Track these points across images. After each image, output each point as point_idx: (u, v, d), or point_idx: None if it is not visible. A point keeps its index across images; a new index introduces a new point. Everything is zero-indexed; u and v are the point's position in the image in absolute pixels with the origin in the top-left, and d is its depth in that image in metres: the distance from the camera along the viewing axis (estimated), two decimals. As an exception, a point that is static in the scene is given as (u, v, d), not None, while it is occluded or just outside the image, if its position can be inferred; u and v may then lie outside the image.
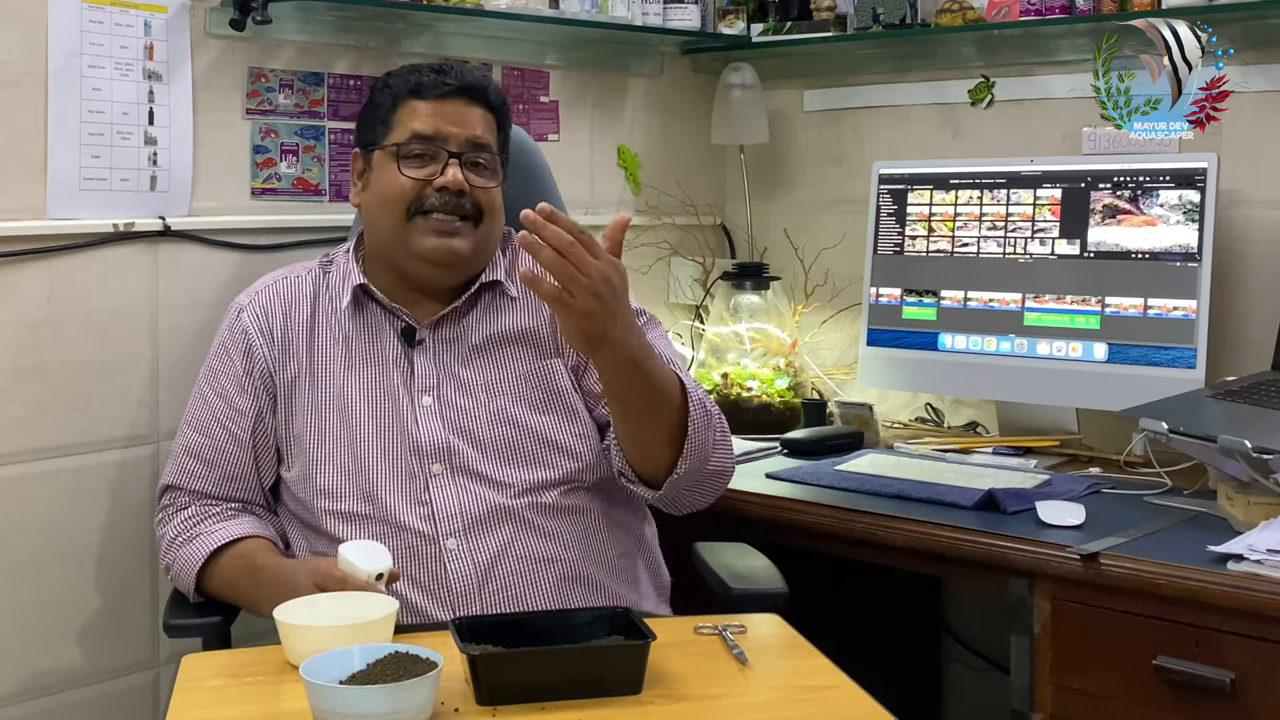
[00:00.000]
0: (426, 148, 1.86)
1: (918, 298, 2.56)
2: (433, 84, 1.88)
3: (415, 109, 1.87)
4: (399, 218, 1.85)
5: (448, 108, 1.87)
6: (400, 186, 1.85)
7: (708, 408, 1.78)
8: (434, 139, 1.86)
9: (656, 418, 1.73)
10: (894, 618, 2.65)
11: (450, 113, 1.87)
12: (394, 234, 1.86)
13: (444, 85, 1.88)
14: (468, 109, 1.88)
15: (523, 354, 1.90)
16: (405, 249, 1.86)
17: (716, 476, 1.85)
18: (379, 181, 1.89)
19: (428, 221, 1.84)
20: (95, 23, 2.10)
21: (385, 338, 1.89)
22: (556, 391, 1.88)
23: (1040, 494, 2.08)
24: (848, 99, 2.90)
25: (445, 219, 1.84)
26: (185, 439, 1.92)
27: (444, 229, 1.84)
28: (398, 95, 1.89)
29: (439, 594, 1.77)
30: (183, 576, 1.84)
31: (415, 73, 1.90)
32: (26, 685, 2.09)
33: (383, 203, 1.87)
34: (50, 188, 2.07)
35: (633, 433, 1.77)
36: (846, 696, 1.44)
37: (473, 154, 1.87)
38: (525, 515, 1.82)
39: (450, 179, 1.84)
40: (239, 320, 1.92)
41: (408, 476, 1.83)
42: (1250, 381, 2.15)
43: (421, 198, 1.85)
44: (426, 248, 1.84)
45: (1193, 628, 1.73)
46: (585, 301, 1.56)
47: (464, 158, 1.86)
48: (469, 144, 1.87)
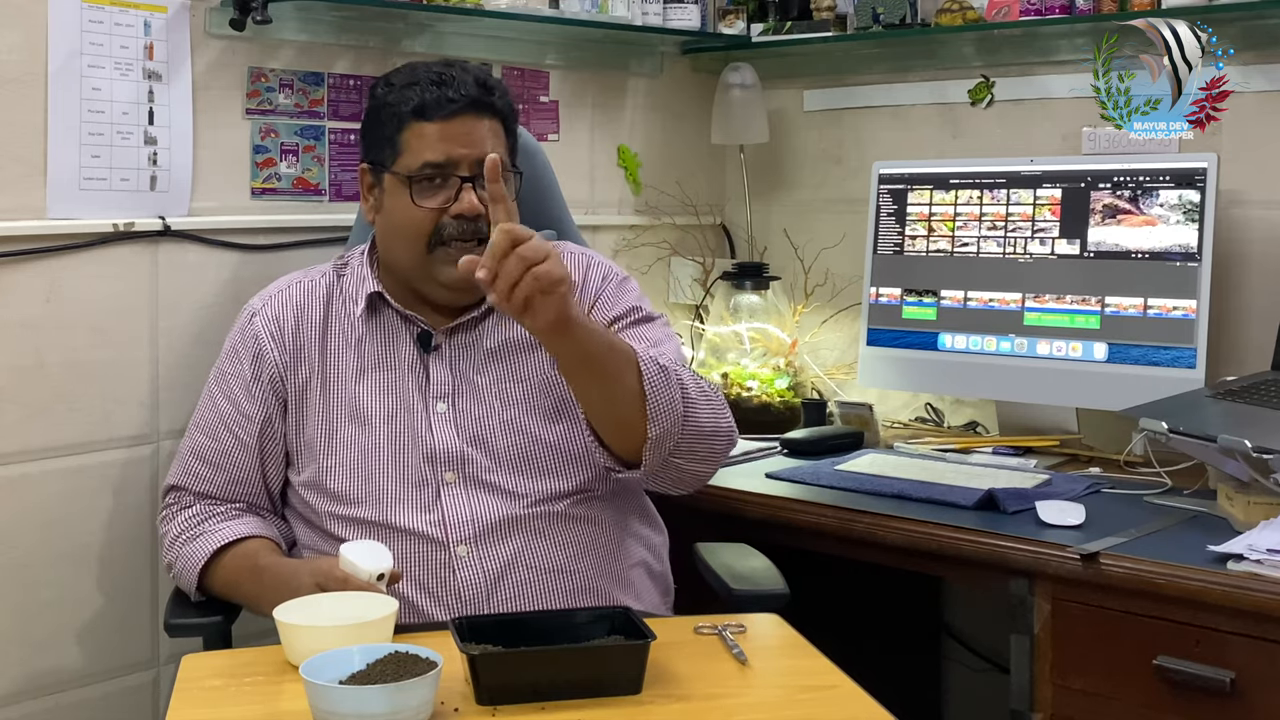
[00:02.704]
0: (438, 173, 1.81)
1: (918, 298, 2.56)
2: (436, 102, 1.81)
3: (422, 133, 1.81)
4: (420, 249, 1.82)
5: (455, 128, 1.81)
6: (416, 219, 1.81)
7: (661, 364, 1.73)
8: (445, 165, 1.81)
9: (610, 383, 1.69)
10: (894, 618, 2.65)
11: (459, 133, 1.81)
12: (416, 265, 1.84)
13: (449, 103, 1.81)
14: (475, 124, 1.82)
15: (537, 361, 1.88)
16: (428, 278, 1.84)
17: (710, 437, 1.79)
18: (393, 210, 1.85)
19: (449, 251, 1.80)
20: (95, 23, 2.10)
21: (400, 343, 1.88)
22: (569, 400, 1.85)
23: (1040, 494, 2.08)
24: (848, 99, 2.90)
25: (465, 246, 1.79)
26: (192, 441, 1.92)
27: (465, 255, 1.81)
28: (402, 116, 1.83)
29: (447, 600, 1.76)
30: (185, 574, 1.84)
31: (416, 85, 1.83)
32: (26, 685, 2.09)
33: (401, 234, 1.84)
34: (50, 187, 2.07)
35: (593, 408, 1.74)
36: (846, 696, 1.44)
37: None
38: (537, 525, 1.81)
39: (466, 206, 1.80)
40: (251, 324, 1.91)
41: (419, 484, 1.82)
42: (1250, 381, 2.15)
43: (439, 227, 1.81)
44: (452, 278, 1.79)
45: (1193, 628, 1.73)
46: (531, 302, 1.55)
47: (477, 181, 1.80)
48: (479, 163, 1.76)
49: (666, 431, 1.72)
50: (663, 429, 1.72)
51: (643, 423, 1.71)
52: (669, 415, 1.72)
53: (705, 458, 1.81)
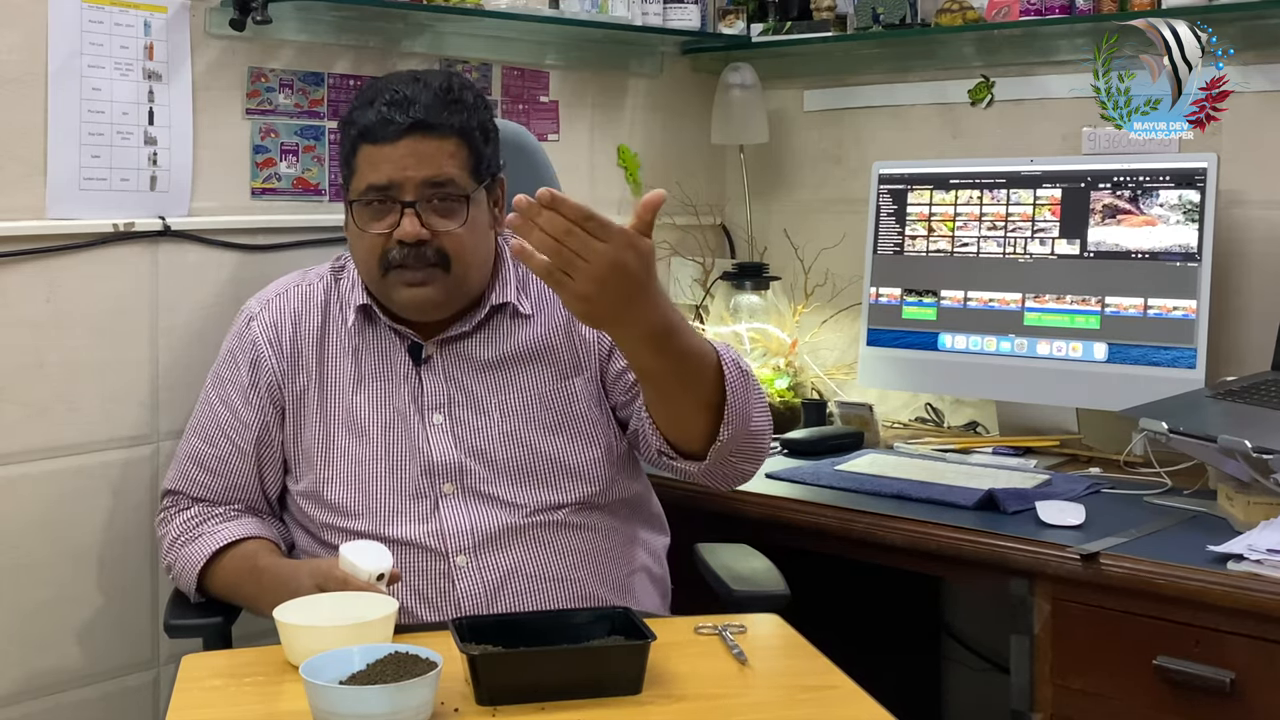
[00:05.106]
0: (381, 195, 1.76)
1: (918, 298, 2.56)
2: (382, 125, 1.75)
3: (369, 156, 1.77)
4: (375, 273, 1.80)
5: (400, 150, 1.75)
6: (366, 243, 1.79)
7: (742, 367, 1.70)
8: (388, 188, 1.76)
9: (689, 389, 1.66)
10: (894, 618, 2.65)
11: (402, 156, 1.75)
12: (376, 286, 1.82)
13: (393, 127, 1.75)
14: (422, 144, 1.76)
15: (539, 373, 1.86)
16: (388, 299, 1.83)
17: (760, 436, 1.77)
18: (350, 232, 1.83)
19: (399, 275, 1.78)
20: (95, 23, 2.10)
21: (394, 354, 1.87)
22: (573, 414, 1.85)
23: (1040, 494, 2.08)
24: (848, 99, 2.90)
25: (411, 272, 1.77)
26: (189, 446, 1.91)
27: (412, 280, 1.77)
28: (354, 139, 1.79)
29: (446, 610, 1.75)
30: (184, 576, 1.84)
31: (370, 107, 1.77)
32: (26, 685, 2.09)
33: (357, 256, 1.83)
34: (50, 188, 2.07)
35: (665, 406, 1.70)
36: (846, 696, 1.44)
37: (430, 194, 1.76)
38: (536, 534, 1.81)
39: (405, 232, 1.75)
40: (248, 330, 1.90)
41: (417, 495, 1.81)
42: (1250, 381, 2.14)
43: (385, 252, 1.77)
44: (402, 300, 1.79)
45: (1193, 628, 1.73)
46: (584, 286, 1.49)
47: (419, 205, 1.75)
48: (425, 185, 1.75)
49: (737, 433, 1.70)
50: (735, 430, 1.69)
51: (714, 423, 1.68)
52: (742, 418, 1.69)
53: (753, 456, 1.80)
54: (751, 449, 1.77)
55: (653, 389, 1.70)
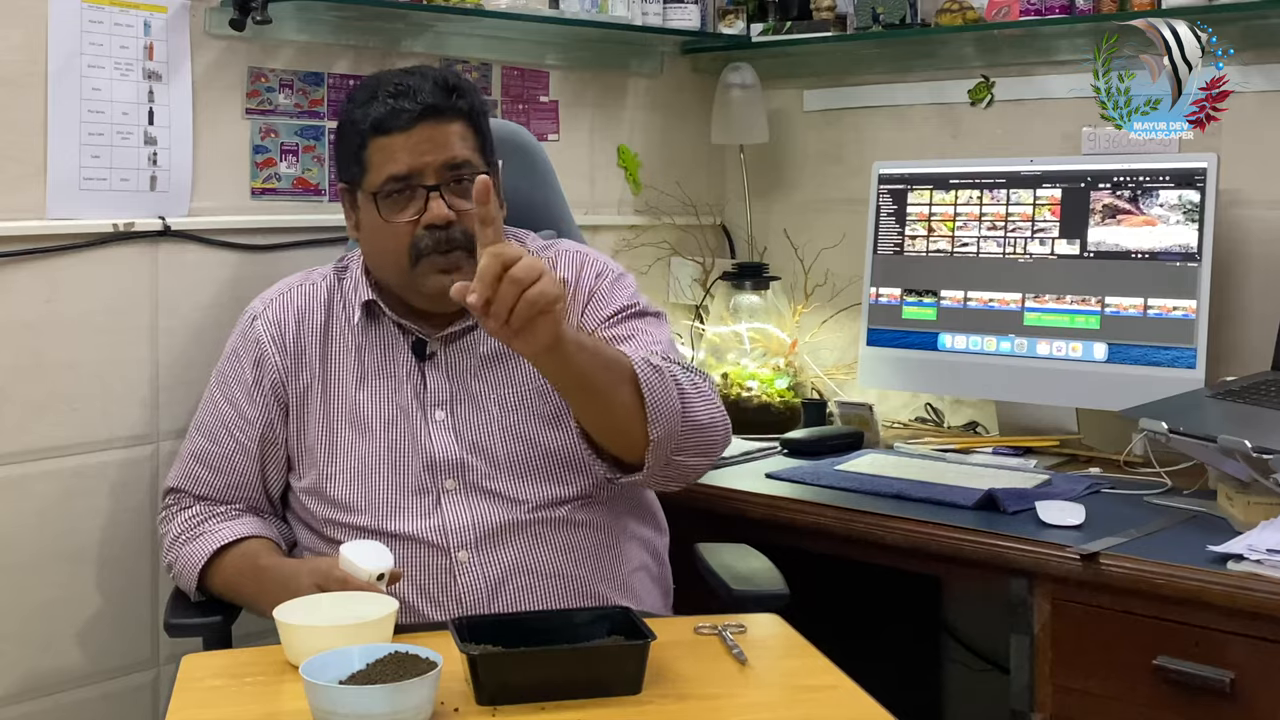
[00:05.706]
0: (403, 185, 1.79)
1: (918, 298, 2.56)
2: (393, 115, 1.79)
3: (384, 147, 1.79)
4: (404, 265, 1.81)
5: (416, 137, 1.79)
6: (392, 235, 1.80)
7: (654, 364, 1.71)
8: (409, 176, 1.79)
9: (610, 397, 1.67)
10: (894, 618, 2.65)
11: (420, 142, 1.79)
12: (401, 279, 1.83)
13: (405, 114, 1.78)
14: (435, 129, 1.80)
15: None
16: (415, 292, 1.83)
17: (706, 429, 1.76)
18: (369, 228, 1.84)
19: (430, 262, 1.79)
20: (95, 23, 2.10)
21: (397, 351, 1.88)
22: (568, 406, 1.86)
23: (1040, 494, 2.08)
24: (848, 99, 2.90)
25: (443, 258, 1.78)
26: (193, 444, 1.92)
27: (445, 267, 1.78)
28: (363, 134, 1.81)
29: (449, 606, 1.76)
30: (185, 575, 1.84)
31: (374, 100, 1.81)
32: (26, 685, 2.09)
33: (382, 251, 1.84)
34: (50, 188, 2.07)
35: (595, 420, 1.72)
36: (846, 696, 1.44)
37: (449, 176, 1.80)
38: (539, 530, 1.81)
39: (435, 216, 1.78)
40: (252, 328, 1.91)
41: (419, 491, 1.82)
42: (1250, 381, 2.15)
43: (415, 240, 1.79)
44: (434, 289, 1.79)
45: (1193, 628, 1.73)
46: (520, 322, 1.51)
47: (443, 188, 1.79)
48: (445, 168, 1.79)
49: (668, 432, 1.71)
50: (664, 430, 1.70)
51: (643, 427, 1.69)
52: (669, 416, 1.70)
53: (704, 450, 1.79)
54: (695, 444, 1.76)
55: (575, 402, 1.71)
